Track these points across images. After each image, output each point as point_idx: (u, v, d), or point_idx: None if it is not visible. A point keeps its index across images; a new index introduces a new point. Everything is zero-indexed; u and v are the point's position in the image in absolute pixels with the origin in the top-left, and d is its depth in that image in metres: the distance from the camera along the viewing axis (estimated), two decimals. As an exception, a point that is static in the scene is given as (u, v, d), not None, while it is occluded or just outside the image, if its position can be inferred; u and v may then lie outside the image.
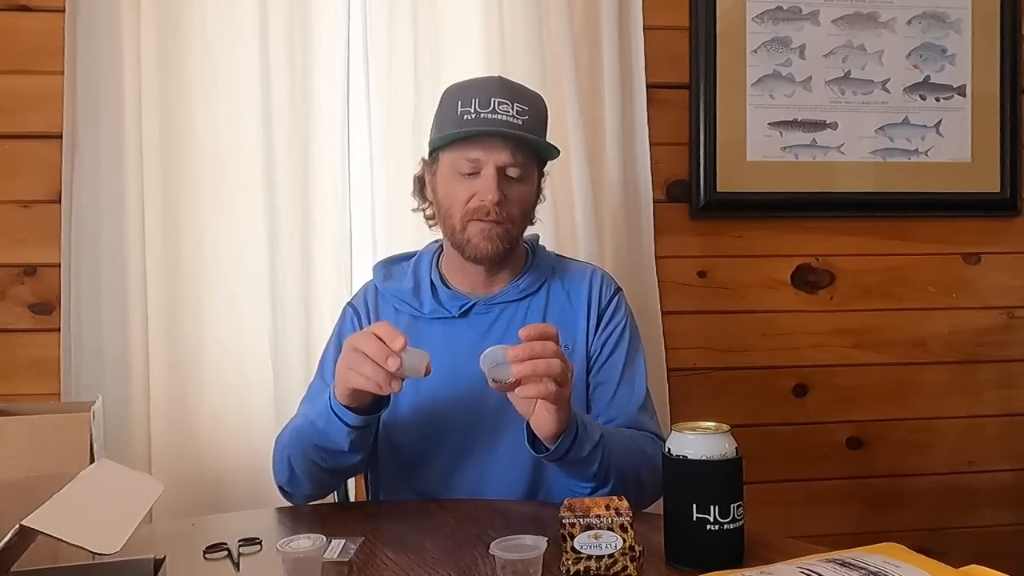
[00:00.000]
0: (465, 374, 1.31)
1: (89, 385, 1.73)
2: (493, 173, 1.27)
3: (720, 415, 1.02)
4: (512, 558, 0.87)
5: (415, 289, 1.38)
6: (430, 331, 1.35)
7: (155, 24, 1.77)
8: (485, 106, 1.27)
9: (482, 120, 1.27)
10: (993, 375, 2.14)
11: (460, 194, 1.30)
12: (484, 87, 1.31)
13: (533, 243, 1.45)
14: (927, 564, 0.81)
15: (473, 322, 1.35)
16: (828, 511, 2.07)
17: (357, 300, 1.44)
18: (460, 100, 1.29)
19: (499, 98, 1.27)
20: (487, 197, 1.27)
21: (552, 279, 1.40)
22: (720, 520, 0.90)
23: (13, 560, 0.73)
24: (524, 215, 1.34)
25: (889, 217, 2.09)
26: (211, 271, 1.80)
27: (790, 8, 2.03)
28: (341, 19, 1.84)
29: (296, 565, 0.90)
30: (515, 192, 1.30)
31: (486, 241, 1.29)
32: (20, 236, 1.80)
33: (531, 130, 1.29)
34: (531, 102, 1.32)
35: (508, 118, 1.27)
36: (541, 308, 1.37)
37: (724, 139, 2.00)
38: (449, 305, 1.36)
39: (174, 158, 1.79)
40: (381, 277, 1.42)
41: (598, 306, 1.38)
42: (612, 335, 1.37)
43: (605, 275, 1.44)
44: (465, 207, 1.29)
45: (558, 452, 1.12)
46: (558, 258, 1.47)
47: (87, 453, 1.29)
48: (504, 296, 1.36)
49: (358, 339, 1.10)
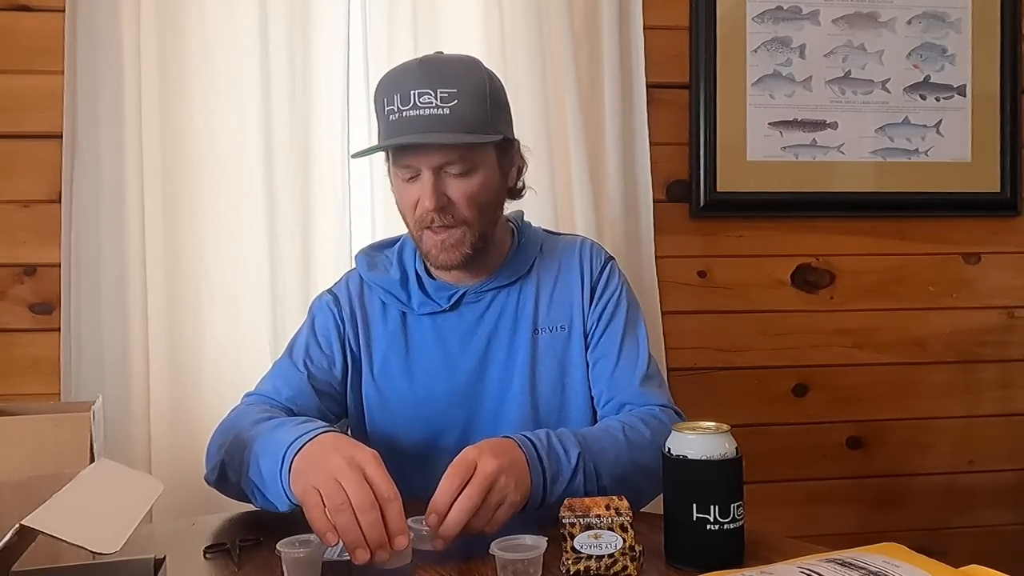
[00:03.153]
0: (460, 367, 1.29)
1: (89, 385, 1.73)
2: (429, 176, 1.18)
3: (720, 415, 1.01)
4: (512, 558, 0.86)
5: (402, 280, 1.32)
6: (419, 326, 1.31)
7: (155, 24, 1.77)
8: (405, 102, 1.16)
9: (404, 120, 1.16)
10: (993, 375, 2.14)
11: (408, 200, 1.23)
12: (404, 78, 1.18)
13: (518, 221, 1.38)
14: (927, 564, 0.81)
15: (464, 313, 1.30)
16: (828, 511, 2.07)
17: (339, 288, 1.36)
18: (385, 97, 1.20)
19: (419, 89, 1.15)
20: (425, 204, 1.19)
21: (541, 258, 1.34)
22: (720, 520, 0.90)
23: (13, 560, 0.73)
24: (482, 209, 1.22)
25: (889, 217, 2.09)
26: (211, 271, 1.80)
27: (790, 8, 2.03)
28: (341, 19, 1.84)
29: (296, 565, 0.90)
30: (460, 190, 1.20)
31: (443, 252, 1.22)
32: (20, 236, 1.80)
33: (462, 114, 1.16)
34: (459, 80, 1.17)
35: (431, 111, 1.15)
36: (533, 291, 1.32)
37: (724, 139, 2.00)
38: (437, 297, 1.30)
39: (174, 158, 1.79)
40: (366, 266, 1.35)
41: (590, 279, 1.32)
42: (607, 306, 1.31)
43: (595, 245, 1.37)
44: (415, 215, 1.22)
45: (533, 506, 1.06)
46: (546, 234, 1.41)
47: (87, 453, 1.29)
48: (494, 283, 1.31)
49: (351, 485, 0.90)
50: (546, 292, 1.32)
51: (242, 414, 1.23)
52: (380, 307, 1.33)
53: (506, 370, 1.30)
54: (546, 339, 1.31)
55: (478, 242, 1.24)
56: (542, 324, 1.31)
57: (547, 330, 1.31)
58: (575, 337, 1.31)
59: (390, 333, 1.32)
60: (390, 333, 1.32)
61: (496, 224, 1.29)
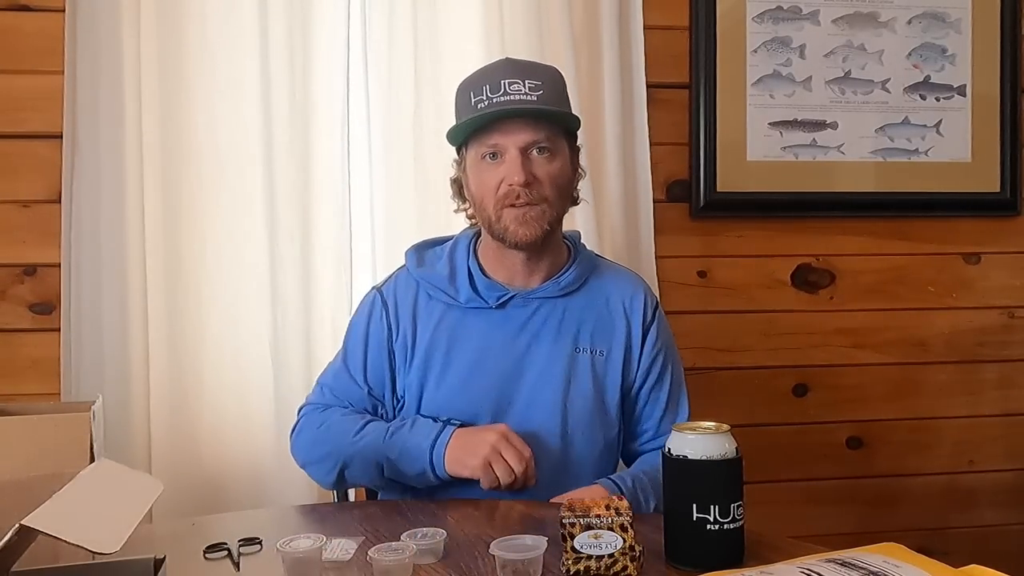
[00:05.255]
0: (496, 367, 1.31)
1: (89, 385, 1.73)
2: (516, 155, 1.24)
3: (720, 415, 1.01)
4: (512, 558, 0.87)
5: (451, 276, 1.34)
6: (463, 320, 1.33)
7: (155, 24, 1.77)
8: (496, 90, 1.24)
9: (495, 104, 1.24)
10: (993, 375, 2.14)
11: (489, 183, 1.27)
12: (492, 72, 1.29)
13: (575, 240, 1.42)
14: (927, 564, 0.81)
15: (510, 315, 1.32)
16: (828, 511, 2.07)
17: (387, 288, 1.39)
18: (472, 91, 1.28)
19: (509, 79, 1.25)
20: (514, 179, 1.24)
21: (592, 279, 1.38)
22: (720, 520, 0.90)
23: (13, 560, 0.73)
24: (560, 193, 1.29)
25: (889, 217, 2.09)
26: (211, 271, 1.80)
27: (790, 8, 2.03)
28: (341, 19, 1.84)
29: (296, 565, 0.90)
30: (544, 170, 1.26)
31: (523, 226, 1.26)
32: (20, 236, 1.80)
33: (548, 102, 1.26)
34: (544, 75, 1.28)
35: (521, 96, 1.24)
36: (579, 308, 1.34)
37: (724, 139, 2.00)
38: (487, 295, 1.32)
39: (174, 158, 1.79)
40: (414, 263, 1.38)
41: (643, 317, 1.37)
42: (663, 350, 1.38)
43: (648, 287, 1.43)
44: (496, 195, 1.27)
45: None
46: (599, 259, 1.45)
47: (87, 453, 1.29)
48: (544, 291, 1.33)
49: (501, 444, 1.19)
50: (592, 313, 1.35)
51: (339, 423, 1.33)
52: (426, 300, 1.36)
53: (541, 379, 1.32)
54: (585, 359, 1.33)
55: (555, 224, 1.30)
56: (583, 344, 1.34)
57: (587, 351, 1.34)
58: (613, 364, 1.34)
59: (433, 327, 1.34)
60: (433, 327, 1.34)
61: (563, 217, 1.34)
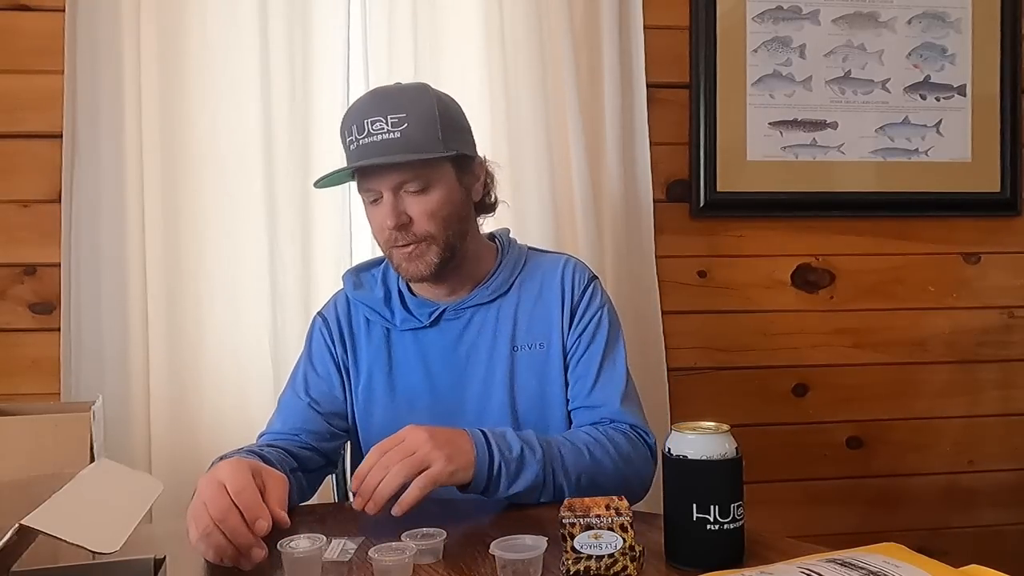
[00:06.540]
0: (440, 383, 1.33)
1: (89, 385, 1.73)
2: (389, 197, 1.24)
3: (720, 415, 1.01)
4: (512, 558, 0.87)
5: (385, 298, 1.35)
6: (402, 342, 1.34)
7: (155, 24, 1.77)
8: (361, 131, 1.23)
9: (360, 148, 1.24)
10: (993, 375, 2.14)
11: (375, 224, 1.30)
12: (357, 110, 1.27)
13: (503, 239, 1.41)
14: (927, 564, 0.81)
15: (444, 329, 1.34)
16: (828, 511, 2.08)
17: (327, 310, 1.40)
18: (345, 131, 1.28)
19: (371, 117, 1.23)
20: (386, 225, 1.25)
21: (523, 275, 1.37)
22: (720, 520, 0.90)
23: (13, 560, 0.73)
24: (443, 223, 1.27)
25: (889, 217, 2.09)
26: (211, 271, 1.80)
27: (790, 8, 2.03)
28: (341, 19, 1.84)
29: (296, 565, 0.90)
30: (419, 208, 1.25)
31: (411, 264, 1.27)
32: (20, 236, 1.80)
33: (411, 137, 1.22)
34: (408, 105, 1.24)
35: (384, 136, 1.22)
36: (512, 308, 1.34)
37: (724, 139, 2.00)
38: (418, 313, 1.33)
39: (174, 158, 1.79)
40: (351, 286, 1.39)
41: (571, 299, 1.34)
42: (588, 327, 1.33)
43: (578, 264, 1.39)
44: (383, 236, 1.28)
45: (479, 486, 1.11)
46: (531, 251, 1.43)
47: (87, 453, 1.29)
48: (474, 300, 1.33)
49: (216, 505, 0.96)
50: (526, 309, 1.34)
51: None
52: (365, 324, 1.37)
53: (485, 386, 1.32)
54: (525, 356, 1.33)
55: (445, 254, 1.27)
56: (521, 341, 1.33)
57: (526, 347, 1.33)
58: (553, 354, 1.33)
59: (374, 349, 1.35)
60: (374, 349, 1.35)
61: (465, 237, 1.32)
